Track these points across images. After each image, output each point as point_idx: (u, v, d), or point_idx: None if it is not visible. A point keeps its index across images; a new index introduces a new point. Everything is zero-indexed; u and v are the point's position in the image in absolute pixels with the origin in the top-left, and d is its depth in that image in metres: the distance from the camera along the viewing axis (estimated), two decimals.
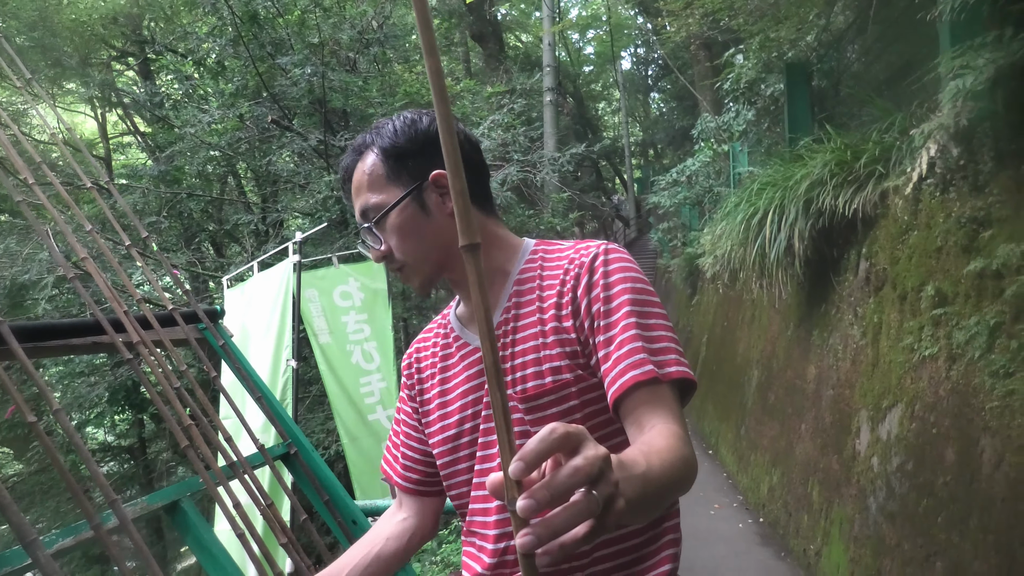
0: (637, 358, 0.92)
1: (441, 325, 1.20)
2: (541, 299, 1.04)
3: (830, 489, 4.04)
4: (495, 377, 0.54)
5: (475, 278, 0.55)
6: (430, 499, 1.22)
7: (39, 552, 1.29)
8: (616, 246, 1.05)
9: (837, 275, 4.17)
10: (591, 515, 0.54)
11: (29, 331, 1.71)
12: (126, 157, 14.35)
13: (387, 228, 1.05)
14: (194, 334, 2.26)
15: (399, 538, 1.20)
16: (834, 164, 3.82)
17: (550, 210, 8.90)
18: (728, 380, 7.18)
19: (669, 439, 0.83)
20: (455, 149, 0.55)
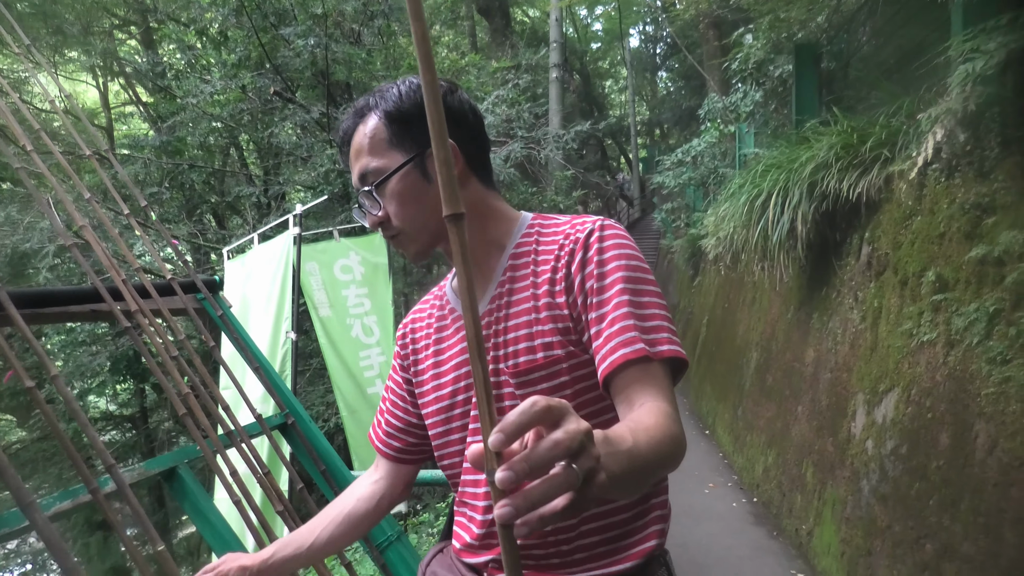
0: (628, 336, 0.92)
1: (437, 297, 1.20)
2: (535, 273, 1.03)
3: (824, 471, 4.07)
4: (476, 349, 0.54)
5: (458, 248, 0.55)
6: (405, 467, 1.24)
7: (36, 515, 1.30)
8: (612, 222, 1.04)
9: (839, 259, 4.16)
10: (570, 488, 0.54)
11: (28, 298, 1.71)
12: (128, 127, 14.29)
13: (386, 194, 1.04)
14: (192, 304, 2.26)
15: (369, 500, 1.22)
16: (840, 147, 3.79)
17: (553, 188, 8.86)
18: (727, 361, 7.20)
19: (658, 417, 0.83)
20: (440, 118, 0.54)
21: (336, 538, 1.17)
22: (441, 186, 0.55)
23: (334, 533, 1.17)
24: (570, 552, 1.01)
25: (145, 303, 2.00)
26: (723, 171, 8.36)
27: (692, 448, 6.88)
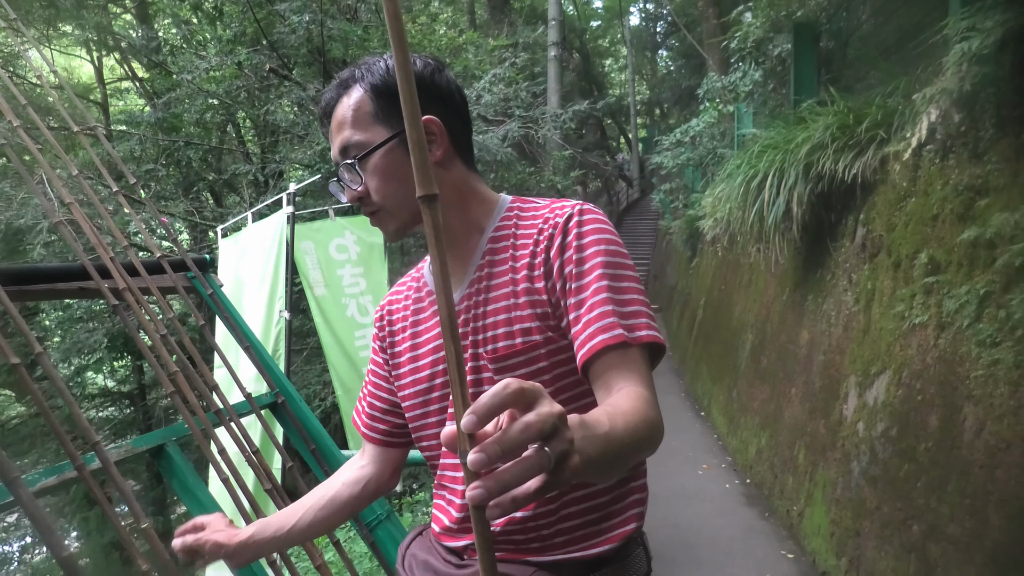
0: (607, 321, 0.92)
1: (415, 279, 1.19)
2: (514, 258, 1.03)
3: (815, 452, 4.09)
4: (449, 331, 0.54)
5: (432, 230, 0.55)
6: (393, 450, 1.22)
7: (21, 490, 1.31)
8: (591, 207, 1.03)
9: (834, 240, 4.15)
10: (541, 470, 0.54)
11: (12, 274, 1.71)
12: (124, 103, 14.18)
13: (368, 168, 1.02)
14: (183, 282, 2.26)
15: (355, 484, 1.20)
16: (836, 128, 3.77)
17: (551, 168, 8.81)
18: (723, 343, 7.21)
19: (635, 401, 0.84)
20: (413, 98, 0.54)
21: (318, 522, 1.16)
22: (415, 167, 0.54)
23: (316, 517, 1.16)
24: (550, 536, 1.02)
25: (134, 281, 2.00)
26: (721, 151, 8.32)
27: (687, 429, 6.92)
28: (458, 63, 8.17)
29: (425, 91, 1.01)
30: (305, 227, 4.36)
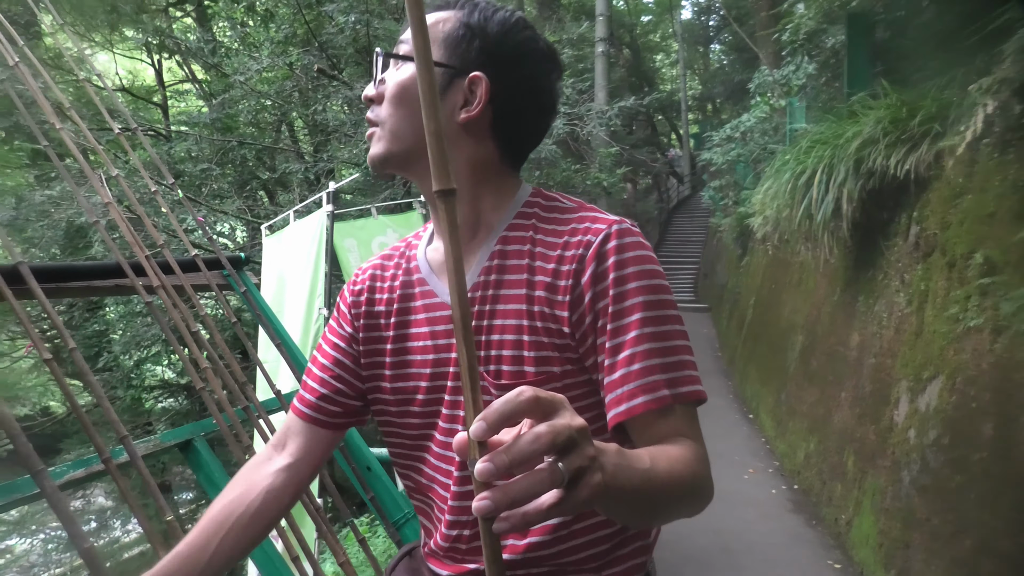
0: (651, 380, 0.80)
1: (404, 257, 1.01)
2: (531, 270, 0.88)
3: (865, 459, 3.94)
4: (463, 332, 0.51)
5: (448, 226, 0.51)
6: (337, 433, 1.02)
7: (46, 482, 1.34)
8: (631, 226, 0.87)
9: (886, 239, 3.99)
10: (553, 486, 0.51)
11: (49, 272, 1.76)
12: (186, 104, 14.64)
13: (395, 76, 0.90)
14: (218, 280, 2.30)
15: (281, 489, 0.96)
16: (888, 122, 3.62)
17: (597, 165, 8.73)
18: (772, 344, 7.02)
19: (686, 452, 0.77)
20: (433, 88, 0.51)
21: (238, 551, 0.92)
22: (431, 157, 0.51)
23: (236, 544, 0.91)
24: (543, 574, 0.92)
25: (168, 279, 2.05)
26: (772, 147, 8.09)
27: (734, 432, 6.76)
28: None
29: (504, 54, 0.88)
30: (348, 225, 4.41)
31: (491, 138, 0.90)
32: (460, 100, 0.88)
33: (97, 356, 8.94)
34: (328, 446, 1.01)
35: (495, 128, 0.90)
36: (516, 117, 0.90)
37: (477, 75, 0.87)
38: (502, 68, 0.88)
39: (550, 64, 0.92)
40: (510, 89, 0.89)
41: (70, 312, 9.52)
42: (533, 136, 0.94)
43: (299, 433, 1.00)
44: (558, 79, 0.95)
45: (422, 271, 0.97)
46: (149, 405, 9.93)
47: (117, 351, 8.49)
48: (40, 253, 7.42)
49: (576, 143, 8.71)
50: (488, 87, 0.87)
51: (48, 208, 6.89)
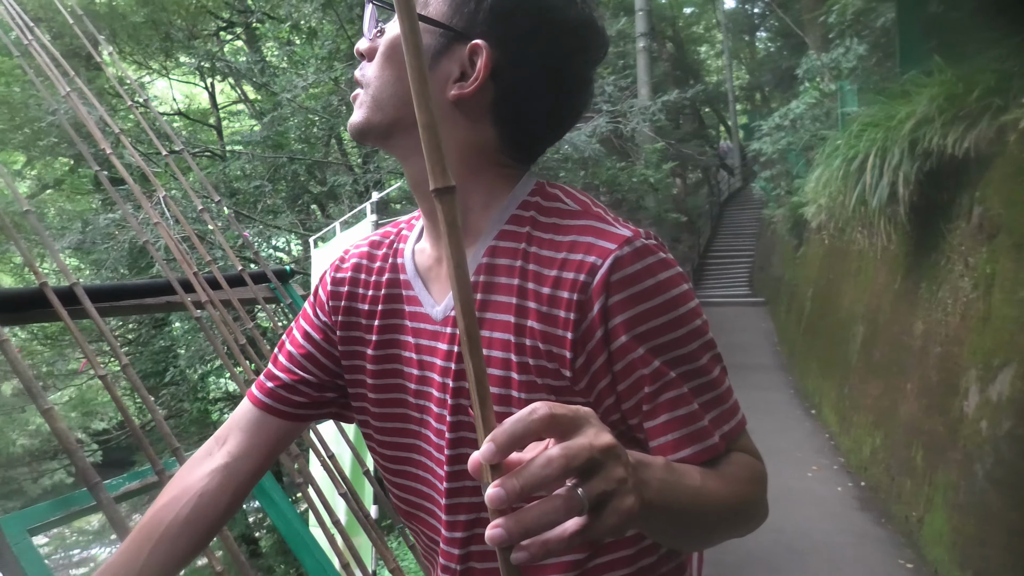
0: (696, 428, 0.69)
1: (393, 250, 0.86)
2: (522, 292, 0.72)
3: (934, 453, 3.77)
4: (468, 346, 0.47)
5: (448, 228, 0.47)
6: (294, 424, 0.88)
7: (102, 495, 1.39)
8: (645, 242, 0.71)
9: (947, 222, 3.81)
10: (571, 514, 0.47)
11: (103, 291, 1.83)
12: (239, 124, 15.12)
13: (387, 32, 0.77)
14: (264, 293, 2.35)
15: (219, 491, 0.84)
16: (943, 99, 3.46)
17: (643, 161, 8.62)
18: (832, 336, 6.80)
19: (740, 470, 0.70)
20: (423, 74, 0.45)
21: (172, 563, 0.81)
22: (426, 152, 0.46)
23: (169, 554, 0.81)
24: None
25: (216, 294, 2.10)
26: (824, 134, 7.85)
27: (795, 428, 6.57)
28: None
29: (518, 23, 0.73)
30: None
31: (490, 122, 0.75)
32: (455, 71, 0.73)
33: (164, 371, 9.28)
34: (281, 440, 0.88)
35: (496, 110, 0.75)
36: (523, 100, 0.75)
37: (478, 43, 0.72)
38: (512, 37, 0.73)
39: (576, 42, 0.75)
40: (518, 64, 0.73)
41: (138, 330, 9.93)
42: (546, 125, 0.78)
43: (246, 425, 0.87)
44: (589, 60, 0.77)
45: (407, 272, 0.83)
46: (215, 417, 10.25)
47: (183, 365, 8.80)
48: (108, 273, 7.75)
49: (620, 140, 8.62)
50: (490, 59, 0.72)
51: (112, 230, 7.19)
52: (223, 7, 11.48)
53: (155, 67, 11.29)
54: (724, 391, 0.72)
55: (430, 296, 0.80)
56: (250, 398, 0.89)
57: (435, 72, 0.74)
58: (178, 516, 0.82)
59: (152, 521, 0.82)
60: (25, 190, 11.13)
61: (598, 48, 0.78)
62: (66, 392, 11.12)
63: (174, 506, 0.83)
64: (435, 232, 0.80)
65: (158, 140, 2.41)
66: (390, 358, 0.83)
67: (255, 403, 0.88)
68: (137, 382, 1.70)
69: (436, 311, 0.79)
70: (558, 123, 0.80)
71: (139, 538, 0.81)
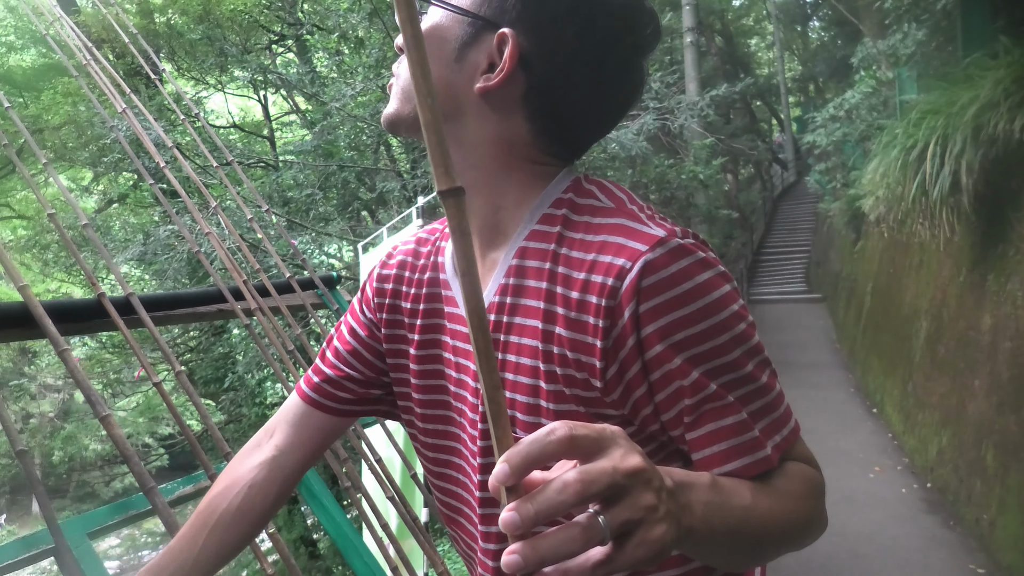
0: (746, 439, 0.64)
1: (435, 248, 0.84)
2: (551, 297, 0.68)
3: (1007, 453, 3.59)
4: (486, 364, 0.44)
5: (457, 235, 0.44)
6: (344, 420, 0.89)
7: (157, 499, 1.43)
8: (680, 242, 0.64)
9: (1016, 211, 3.63)
10: (591, 543, 0.43)
11: (156, 301, 1.89)
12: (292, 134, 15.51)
13: (425, 21, 0.74)
14: (312, 299, 2.40)
15: (266, 483, 0.85)
16: (1010, 81, 3.30)
17: (692, 158, 8.48)
18: (894, 332, 6.56)
19: (794, 483, 0.65)
20: (424, 69, 0.43)
21: (226, 549, 0.84)
22: (429, 153, 0.43)
23: (223, 541, 0.84)
24: None
25: (265, 301, 2.15)
26: (882, 123, 7.58)
27: (857, 428, 6.36)
28: None
29: (551, 8, 0.68)
30: None
31: (522, 116, 0.71)
32: (483, 63, 0.69)
33: (224, 376, 9.55)
34: (327, 436, 0.89)
35: (528, 103, 0.70)
36: (558, 91, 0.69)
37: (504, 32, 0.68)
38: (545, 23, 0.68)
39: (618, 25, 0.69)
40: (552, 52, 0.68)
41: (199, 337, 10.25)
42: (585, 119, 0.72)
43: (293, 419, 0.88)
44: (635, 46, 0.71)
45: (447, 271, 0.80)
46: None
47: (240, 371, 9.05)
48: (170, 283, 8.04)
49: (668, 137, 8.50)
50: (517, 47, 0.68)
51: (172, 241, 7.44)
52: (275, 21, 11.79)
53: (211, 82, 11.67)
54: (774, 398, 0.66)
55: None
56: (298, 392, 0.89)
57: (463, 64, 0.70)
58: (230, 506, 0.83)
59: (206, 510, 0.84)
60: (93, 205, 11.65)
61: (645, 32, 0.71)
62: (134, 398, 11.58)
63: (226, 495, 0.84)
64: (473, 228, 0.76)
65: (211, 153, 2.48)
66: (432, 358, 0.81)
67: (303, 398, 0.88)
68: (190, 389, 1.74)
69: None
70: (599, 116, 0.74)
71: (194, 526, 0.83)
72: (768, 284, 13.94)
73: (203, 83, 11.58)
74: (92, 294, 1.66)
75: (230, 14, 9.67)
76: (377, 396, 0.89)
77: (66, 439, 12.21)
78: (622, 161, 7.58)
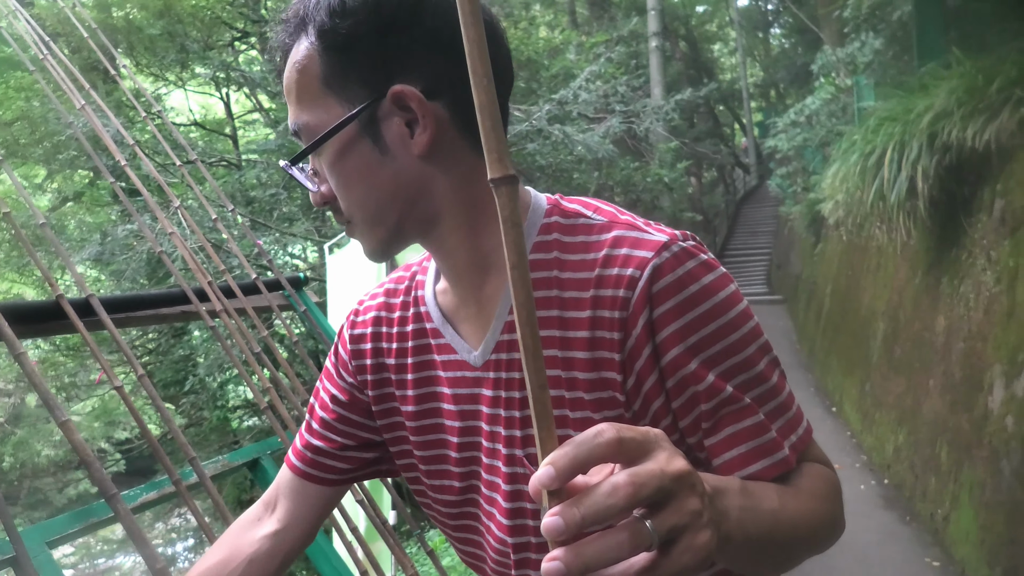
0: (764, 441, 0.64)
1: (410, 299, 0.80)
2: (563, 324, 0.67)
3: (960, 450, 3.71)
4: (533, 363, 0.43)
5: (509, 226, 0.43)
6: (338, 489, 0.86)
7: (119, 506, 1.40)
8: (685, 245, 0.65)
9: (968, 216, 3.75)
10: (637, 549, 0.42)
11: (117, 302, 1.84)
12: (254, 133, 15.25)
13: (325, 162, 0.69)
14: (278, 301, 2.36)
15: (267, 559, 0.83)
16: (962, 91, 3.41)
17: (657, 161, 8.58)
18: (852, 333, 6.72)
19: (816, 483, 0.66)
20: (482, 42, 0.41)
21: None
22: (484, 139, 0.42)
23: None
24: None
25: (231, 302, 2.11)
26: (841, 129, 7.77)
27: (818, 427, 6.34)
28: (556, 63, 8.14)
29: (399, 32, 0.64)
30: None
31: (460, 147, 0.67)
32: (402, 128, 0.66)
33: (185, 379, 9.36)
34: (327, 505, 0.86)
35: (460, 131, 0.67)
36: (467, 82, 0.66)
37: (396, 89, 0.64)
38: (423, 50, 0.64)
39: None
40: (453, 73, 0.64)
41: (158, 339, 10.02)
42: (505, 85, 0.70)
43: (291, 493, 0.85)
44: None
45: (434, 320, 0.76)
46: (236, 424, 10.32)
47: (202, 374, 8.88)
48: (128, 284, 7.84)
49: (634, 140, 8.59)
50: (418, 97, 0.64)
51: (131, 241, 7.27)
52: (238, 17, 11.60)
53: (171, 79, 11.42)
54: (786, 398, 0.66)
55: (463, 340, 0.74)
56: (289, 467, 0.85)
57: (387, 150, 0.66)
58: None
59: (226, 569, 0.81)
60: (46, 203, 11.30)
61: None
62: (89, 402, 11.26)
63: (223, 569, 0.81)
64: (454, 272, 0.74)
65: (173, 151, 2.43)
66: (430, 412, 0.78)
67: (297, 473, 0.84)
68: (153, 393, 1.70)
69: (474, 357, 0.73)
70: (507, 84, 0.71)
71: None
72: None
73: (163, 79, 11.34)
74: (45, 295, 1.61)
75: (192, 10, 9.48)
76: (374, 458, 0.86)
77: (17, 445, 11.83)
78: (588, 163, 7.63)
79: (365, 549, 1.83)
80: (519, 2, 9.54)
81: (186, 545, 12.03)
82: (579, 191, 7.91)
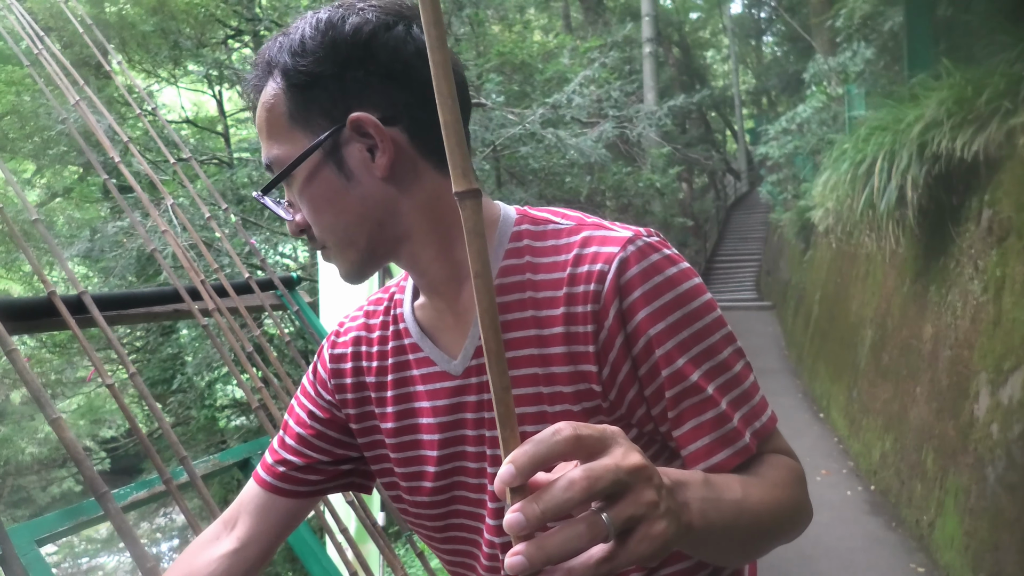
0: (727, 430, 0.67)
1: (389, 318, 0.83)
2: (538, 323, 0.70)
3: (945, 457, 3.74)
4: (496, 365, 0.44)
5: (473, 237, 0.45)
6: (307, 502, 0.86)
7: (110, 504, 1.39)
8: (648, 240, 0.69)
9: (956, 225, 3.79)
10: (594, 540, 0.44)
11: (110, 300, 1.83)
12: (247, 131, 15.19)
13: (296, 192, 0.73)
14: (271, 300, 2.36)
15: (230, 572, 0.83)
16: (952, 102, 3.45)
17: (649, 166, 8.62)
18: (840, 340, 6.77)
19: (780, 472, 0.68)
20: (446, 63, 0.43)
21: None
22: (448, 155, 0.43)
23: None
24: None
25: (224, 301, 2.11)
26: (831, 137, 7.83)
27: (804, 433, 6.53)
28: (550, 67, 8.15)
29: (356, 66, 0.68)
30: None
31: (422, 166, 0.71)
32: (363, 154, 0.70)
33: (172, 378, 9.30)
34: (295, 519, 0.86)
35: (420, 152, 0.71)
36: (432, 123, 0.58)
37: (354, 117, 0.68)
38: (378, 82, 0.69)
39: (410, 29, 0.70)
40: (413, 96, 0.69)
41: (146, 337, 9.96)
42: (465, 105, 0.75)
43: (255, 509, 0.84)
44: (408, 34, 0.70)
45: (413, 335, 0.79)
46: (223, 424, 10.26)
47: (190, 372, 8.83)
48: (117, 281, 7.78)
49: (626, 145, 8.62)
50: (375, 124, 0.68)
51: (121, 238, 7.23)
52: (231, 15, 11.55)
53: (164, 75, 11.37)
54: (750, 387, 0.69)
55: (442, 352, 0.77)
56: (258, 481, 0.85)
57: (352, 176, 0.70)
58: None
59: None
60: (35, 198, 11.22)
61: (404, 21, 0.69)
62: (75, 400, 11.18)
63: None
64: (431, 286, 0.77)
65: (166, 148, 2.42)
66: (409, 429, 0.80)
67: (266, 487, 0.84)
68: (144, 390, 1.70)
69: (454, 366, 0.76)
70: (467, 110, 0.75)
71: None
72: (720, 291, 14.22)
73: (155, 76, 11.28)
74: (33, 291, 1.60)
75: (185, 7, 9.44)
76: (347, 470, 0.87)
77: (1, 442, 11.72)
78: (581, 167, 7.66)
79: (355, 551, 1.83)
80: (514, 6, 9.56)
81: (171, 545, 11.95)
82: (571, 195, 7.93)
